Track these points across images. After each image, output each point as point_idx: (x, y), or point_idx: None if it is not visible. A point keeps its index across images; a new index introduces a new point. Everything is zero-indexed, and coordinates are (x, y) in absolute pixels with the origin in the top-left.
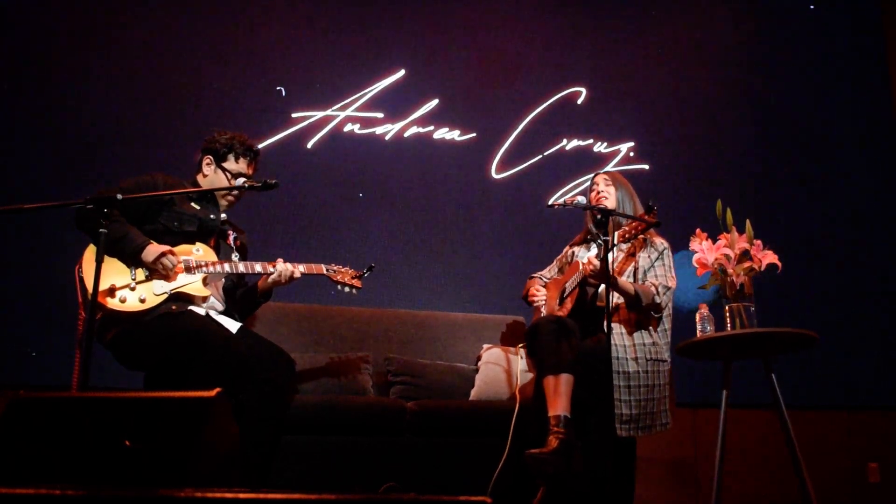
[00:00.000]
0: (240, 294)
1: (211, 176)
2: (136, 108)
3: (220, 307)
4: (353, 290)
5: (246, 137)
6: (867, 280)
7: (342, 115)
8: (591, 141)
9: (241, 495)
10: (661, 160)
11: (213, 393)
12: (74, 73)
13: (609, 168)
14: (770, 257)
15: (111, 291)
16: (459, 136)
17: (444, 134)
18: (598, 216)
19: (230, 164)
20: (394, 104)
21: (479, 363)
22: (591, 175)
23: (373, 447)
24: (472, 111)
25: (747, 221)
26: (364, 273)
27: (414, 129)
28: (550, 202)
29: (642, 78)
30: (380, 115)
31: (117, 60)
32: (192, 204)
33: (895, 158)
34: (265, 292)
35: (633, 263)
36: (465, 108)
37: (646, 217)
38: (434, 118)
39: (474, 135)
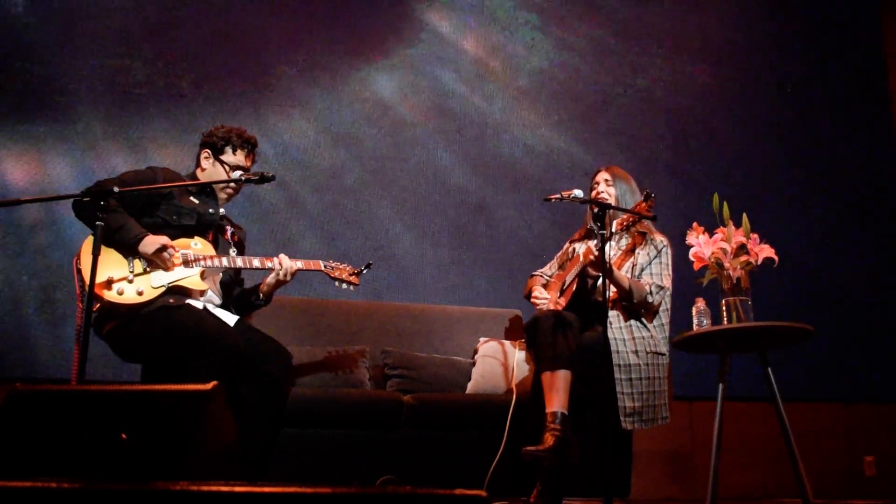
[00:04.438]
0: (237, 294)
1: (209, 169)
2: (133, 103)
3: (218, 301)
4: (351, 287)
5: (243, 130)
6: (863, 273)
7: (339, 105)
8: (587, 135)
9: (237, 488)
10: (657, 155)
11: (209, 386)
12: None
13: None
14: (767, 251)
15: (109, 283)
16: (460, 128)
17: (444, 125)
18: (596, 210)
19: (228, 156)
20: (391, 95)
21: (476, 356)
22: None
23: (369, 440)
24: (470, 105)
25: (744, 215)
26: (362, 270)
27: (414, 120)
28: (547, 196)
29: (639, 73)
30: (377, 106)
31: (115, 55)
32: (191, 198)
33: (892, 152)
34: (267, 295)
35: (631, 259)
36: (463, 100)
37: (643, 205)
38: (434, 109)
39: (474, 127)
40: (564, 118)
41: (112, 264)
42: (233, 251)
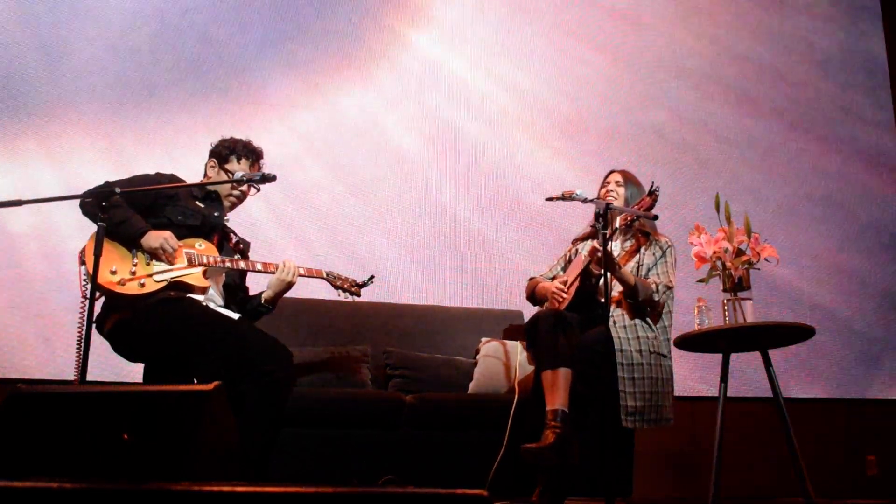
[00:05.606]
0: (240, 300)
1: (214, 178)
2: (118, 115)
3: (220, 301)
4: (353, 298)
5: (250, 141)
6: (865, 272)
7: (338, 107)
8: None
9: (238, 488)
10: (658, 153)
11: (209, 386)
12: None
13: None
14: (768, 250)
15: (112, 275)
16: (460, 128)
17: (444, 126)
18: (598, 209)
19: (232, 164)
20: (393, 95)
21: (478, 356)
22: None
23: (371, 440)
24: (471, 103)
25: (745, 215)
26: (365, 282)
27: (414, 123)
28: (549, 196)
29: (637, 99)
30: (378, 106)
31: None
32: (197, 202)
33: (893, 149)
34: (271, 301)
35: (636, 259)
36: (464, 99)
37: (647, 199)
38: (433, 111)
39: (475, 127)
40: (554, 138)
41: (116, 257)
42: (236, 257)
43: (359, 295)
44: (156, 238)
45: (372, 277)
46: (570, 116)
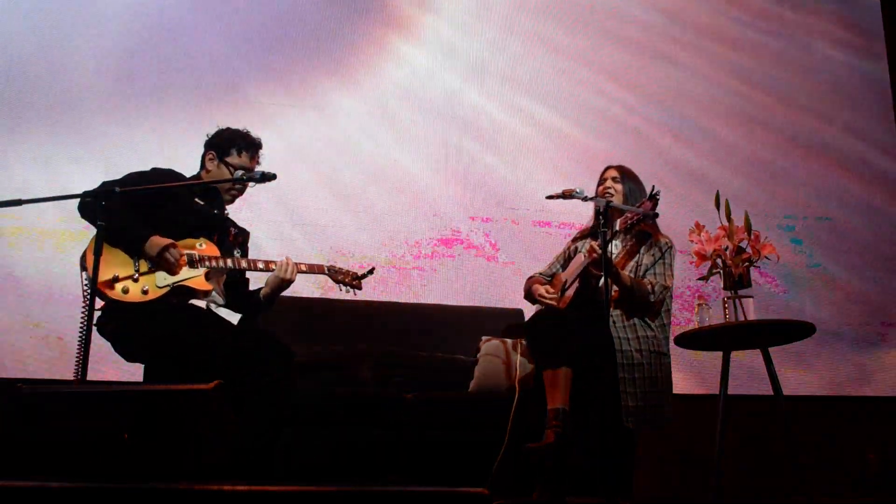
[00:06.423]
0: (240, 296)
1: (214, 171)
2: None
3: (221, 301)
4: (354, 292)
5: (248, 132)
6: (866, 269)
7: (335, 109)
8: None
9: (240, 488)
10: (660, 174)
11: (210, 386)
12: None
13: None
14: (768, 248)
15: (114, 281)
16: (460, 126)
17: (444, 124)
18: (598, 207)
19: (233, 158)
20: (393, 91)
21: (479, 355)
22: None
23: (372, 439)
24: (466, 104)
25: (745, 212)
26: (366, 274)
27: (414, 119)
28: (548, 194)
29: (639, 68)
30: (377, 104)
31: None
32: (196, 199)
33: (892, 146)
34: (269, 298)
35: (635, 259)
36: (459, 101)
37: (647, 204)
38: (432, 108)
39: (475, 125)
40: (548, 139)
41: (118, 262)
42: (237, 252)
43: (360, 287)
44: (157, 246)
45: (372, 269)
46: (563, 123)
